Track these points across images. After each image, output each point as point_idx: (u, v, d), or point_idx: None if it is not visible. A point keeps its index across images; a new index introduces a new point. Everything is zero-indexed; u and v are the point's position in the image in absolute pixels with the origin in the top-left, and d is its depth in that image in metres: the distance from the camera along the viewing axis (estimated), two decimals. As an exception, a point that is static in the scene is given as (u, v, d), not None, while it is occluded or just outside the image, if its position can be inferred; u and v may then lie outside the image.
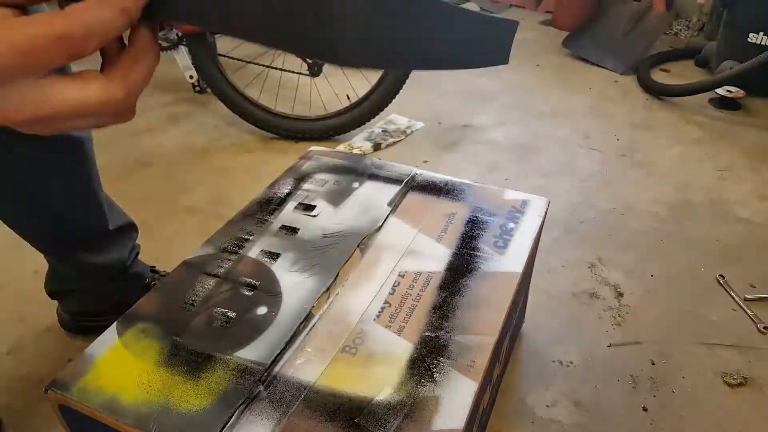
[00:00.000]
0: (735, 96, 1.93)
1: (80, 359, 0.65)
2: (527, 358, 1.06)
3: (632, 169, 1.65)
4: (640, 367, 1.04)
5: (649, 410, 0.97)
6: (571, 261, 1.29)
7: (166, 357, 0.65)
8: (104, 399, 0.60)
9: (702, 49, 2.29)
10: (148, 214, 1.42)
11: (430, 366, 0.64)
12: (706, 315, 1.16)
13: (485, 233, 0.85)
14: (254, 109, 1.75)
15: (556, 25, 2.71)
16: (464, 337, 0.68)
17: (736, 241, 1.36)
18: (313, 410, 0.59)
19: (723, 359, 1.06)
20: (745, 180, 1.60)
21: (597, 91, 2.13)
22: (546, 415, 0.96)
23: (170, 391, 0.61)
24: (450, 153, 1.73)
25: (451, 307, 0.72)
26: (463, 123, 1.90)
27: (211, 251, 0.81)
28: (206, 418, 0.58)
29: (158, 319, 0.70)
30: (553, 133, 1.84)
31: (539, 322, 1.13)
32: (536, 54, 2.44)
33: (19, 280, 1.22)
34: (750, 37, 1.98)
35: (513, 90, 2.13)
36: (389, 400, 0.60)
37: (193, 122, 1.88)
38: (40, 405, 0.96)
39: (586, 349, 1.07)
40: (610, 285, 1.23)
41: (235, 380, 0.62)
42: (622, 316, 1.15)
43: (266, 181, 0.96)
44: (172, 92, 2.06)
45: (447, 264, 0.79)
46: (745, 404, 0.98)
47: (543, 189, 1.56)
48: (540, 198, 0.93)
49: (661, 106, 2.02)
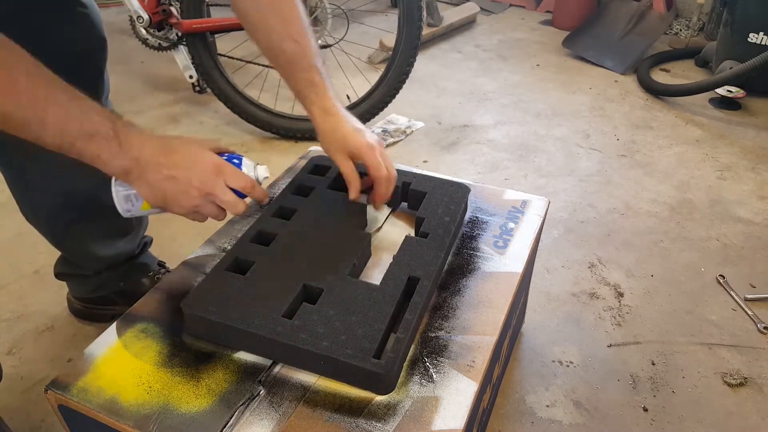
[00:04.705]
0: (735, 96, 1.93)
1: (80, 359, 0.65)
2: (527, 358, 1.06)
3: (632, 169, 1.65)
4: (640, 367, 1.04)
5: (649, 410, 0.97)
6: (571, 261, 1.29)
7: (166, 357, 0.65)
8: (104, 399, 0.60)
9: (702, 49, 2.29)
10: (148, 214, 1.42)
11: (429, 366, 0.64)
12: (706, 315, 1.16)
13: (485, 233, 0.85)
14: (254, 109, 1.75)
15: (556, 25, 2.71)
16: (464, 337, 0.68)
17: (736, 241, 1.36)
18: (313, 410, 0.59)
19: (723, 359, 1.06)
20: (745, 180, 1.60)
21: (597, 91, 2.13)
22: (546, 415, 0.96)
23: (170, 392, 0.61)
24: (450, 153, 1.73)
25: (451, 307, 0.72)
26: (463, 123, 1.90)
27: (211, 251, 0.81)
28: (206, 419, 0.58)
29: (158, 319, 0.70)
30: (552, 133, 1.84)
31: (539, 322, 1.13)
32: (536, 54, 2.44)
33: (19, 280, 1.22)
34: (750, 37, 1.98)
35: (513, 90, 2.13)
36: (389, 400, 0.60)
37: (193, 122, 1.88)
38: (40, 405, 0.96)
39: (586, 349, 1.07)
40: (610, 285, 1.23)
41: (235, 381, 0.62)
42: (622, 316, 1.15)
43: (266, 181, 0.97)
44: (172, 92, 2.06)
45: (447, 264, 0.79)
46: (745, 404, 0.98)
47: (543, 189, 1.56)
48: (540, 198, 0.93)
49: (661, 106, 2.02)
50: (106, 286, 1.07)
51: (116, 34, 2.54)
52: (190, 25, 1.68)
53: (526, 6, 2.99)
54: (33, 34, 0.76)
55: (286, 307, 0.65)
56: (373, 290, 0.68)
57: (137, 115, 1.91)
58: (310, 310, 0.65)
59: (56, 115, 0.57)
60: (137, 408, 0.59)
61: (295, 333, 0.62)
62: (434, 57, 2.41)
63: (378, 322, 0.64)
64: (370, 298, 0.67)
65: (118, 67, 2.24)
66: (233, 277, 0.70)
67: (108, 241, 1.02)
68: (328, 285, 0.69)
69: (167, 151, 0.64)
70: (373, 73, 1.95)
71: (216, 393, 0.61)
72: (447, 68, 2.31)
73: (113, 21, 2.68)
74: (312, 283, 0.69)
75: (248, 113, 1.75)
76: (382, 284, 0.69)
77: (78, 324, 1.13)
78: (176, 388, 0.61)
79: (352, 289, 0.68)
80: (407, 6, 1.59)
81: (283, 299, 0.66)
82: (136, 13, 1.76)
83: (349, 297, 0.67)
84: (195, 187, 0.65)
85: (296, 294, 0.67)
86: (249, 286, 0.68)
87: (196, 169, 0.65)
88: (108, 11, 2.81)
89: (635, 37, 2.37)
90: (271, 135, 1.79)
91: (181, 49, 1.87)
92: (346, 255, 0.73)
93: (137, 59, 2.29)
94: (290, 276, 0.70)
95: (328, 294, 0.67)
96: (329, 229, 0.78)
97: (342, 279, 0.70)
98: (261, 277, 0.70)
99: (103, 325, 1.01)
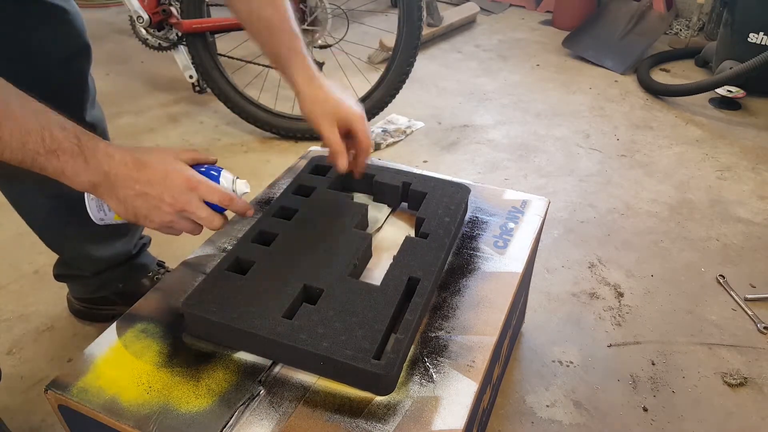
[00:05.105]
0: (735, 96, 1.93)
1: (80, 359, 0.65)
2: (527, 358, 1.06)
3: (632, 169, 1.65)
4: (640, 367, 1.04)
5: (649, 410, 0.97)
6: (571, 261, 1.29)
7: (166, 357, 0.65)
8: (104, 399, 0.60)
9: (702, 49, 2.29)
10: (148, 214, 1.42)
11: (430, 366, 0.64)
12: (706, 315, 1.16)
13: (485, 233, 0.85)
14: (254, 109, 1.75)
15: (556, 25, 2.71)
16: (464, 337, 0.68)
17: (736, 241, 1.36)
18: (313, 410, 0.59)
19: (723, 359, 1.06)
20: (745, 180, 1.60)
21: (597, 91, 2.13)
22: (546, 415, 0.96)
23: (170, 392, 0.61)
24: (450, 153, 1.73)
25: (451, 307, 0.72)
26: (463, 123, 1.90)
27: (211, 251, 0.81)
28: (206, 419, 0.58)
29: (158, 319, 0.70)
30: (552, 133, 1.84)
31: (539, 322, 1.13)
32: (536, 54, 2.44)
33: (19, 280, 1.22)
34: (750, 37, 1.98)
35: (513, 90, 2.13)
36: (389, 400, 0.60)
37: (193, 122, 1.88)
38: (40, 405, 0.96)
39: (586, 349, 1.07)
40: (610, 285, 1.23)
41: (235, 381, 0.62)
42: (622, 316, 1.15)
43: (266, 181, 0.97)
44: (172, 92, 2.06)
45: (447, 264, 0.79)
46: (745, 404, 0.98)
47: (543, 189, 1.56)
48: (540, 198, 0.93)
49: (661, 106, 2.02)
50: (106, 287, 1.07)
51: (116, 34, 2.54)
52: (190, 25, 1.68)
53: (526, 6, 2.99)
54: (16, 41, 0.76)
55: (286, 307, 0.65)
56: (373, 291, 0.68)
57: (137, 115, 1.91)
58: (310, 310, 0.65)
59: (13, 131, 0.55)
60: (137, 408, 0.59)
61: (295, 333, 0.62)
62: (434, 57, 2.41)
63: (378, 323, 0.64)
64: (370, 299, 0.67)
65: (118, 67, 2.24)
66: (234, 277, 0.70)
67: (104, 243, 1.02)
68: (328, 285, 0.69)
69: (138, 165, 0.62)
70: (373, 73, 1.95)
71: (216, 393, 0.61)
72: (447, 68, 2.31)
73: (113, 21, 2.68)
74: (312, 283, 0.69)
75: (248, 113, 1.75)
76: (383, 285, 0.69)
77: (78, 324, 1.13)
78: (176, 388, 0.61)
79: (353, 290, 0.68)
80: (407, 6, 1.59)
81: (283, 299, 0.66)
82: (136, 13, 1.76)
83: (349, 297, 0.67)
84: (167, 203, 0.63)
85: (296, 294, 0.67)
86: (249, 286, 0.68)
87: (168, 184, 0.63)
88: (108, 11, 2.82)
89: (635, 37, 2.37)
90: (271, 135, 1.79)
91: (181, 49, 1.87)
92: (346, 255, 0.73)
93: (137, 59, 2.29)
94: (290, 276, 0.70)
95: (329, 294, 0.67)
96: (330, 229, 0.78)
97: (342, 279, 0.70)
98: (261, 277, 0.70)
99: (103, 325, 1.02)
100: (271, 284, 0.69)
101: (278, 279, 0.69)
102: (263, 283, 0.69)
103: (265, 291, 0.68)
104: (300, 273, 0.70)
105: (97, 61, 0.91)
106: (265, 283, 0.69)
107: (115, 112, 1.91)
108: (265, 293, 0.67)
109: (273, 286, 0.68)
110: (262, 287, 0.68)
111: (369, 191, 0.91)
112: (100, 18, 2.72)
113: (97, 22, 2.67)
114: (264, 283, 0.69)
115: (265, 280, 0.69)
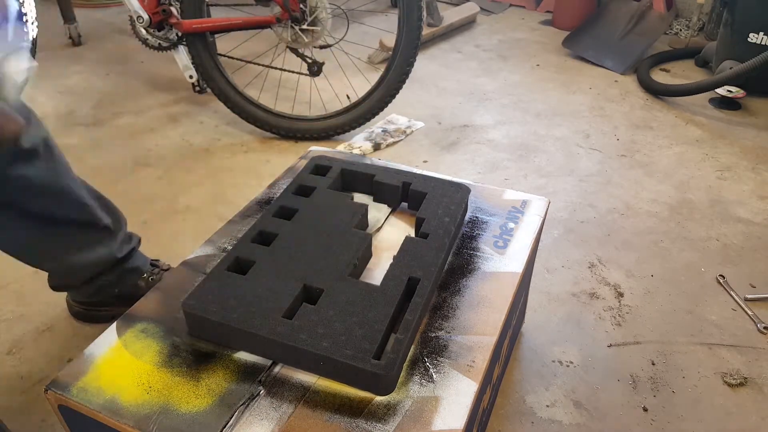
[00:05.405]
0: (735, 96, 1.93)
1: (80, 359, 0.65)
2: (527, 358, 1.06)
3: (632, 169, 1.65)
4: (640, 367, 1.04)
5: (649, 410, 0.97)
6: (571, 261, 1.29)
7: (166, 357, 0.65)
8: (104, 399, 0.60)
9: (702, 49, 2.29)
10: (148, 214, 1.42)
11: (430, 366, 0.64)
12: (706, 315, 1.16)
13: (485, 233, 0.85)
14: (254, 109, 1.75)
15: (556, 25, 2.71)
16: (464, 337, 0.68)
17: (736, 241, 1.36)
18: (313, 410, 0.59)
19: (723, 359, 1.06)
20: (745, 180, 1.60)
21: (597, 91, 2.13)
22: (546, 415, 0.96)
23: (170, 392, 0.61)
24: (450, 153, 1.73)
25: (451, 307, 0.72)
26: (463, 123, 1.90)
27: (211, 251, 0.81)
28: (206, 419, 0.58)
29: (158, 319, 0.70)
30: (552, 133, 1.84)
31: (539, 322, 1.13)
32: (536, 54, 2.44)
33: (19, 280, 1.22)
34: (750, 37, 1.98)
35: (513, 90, 2.13)
36: (389, 400, 0.60)
37: (193, 122, 1.88)
38: (40, 405, 0.96)
39: (586, 349, 1.07)
40: (610, 285, 1.23)
41: (235, 381, 0.62)
42: (622, 316, 1.15)
43: (266, 181, 0.97)
44: (172, 92, 2.06)
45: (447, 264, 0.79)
46: (745, 404, 0.98)
47: (543, 189, 1.56)
48: (540, 198, 0.93)
49: (661, 106, 2.02)
50: (101, 293, 1.06)
51: (116, 34, 2.54)
52: (190, 25, 1.68)
53: (526, 6, 2.99)
54: None
55: (286, 307, 0.65)
56: (373, 291, 0.68)
57: (137, 115, 1.91)
58: (310, 310, 0.65)
59: None
60: (137, 408, 0.59)
61: (295, 333, 0.62)
62: (434, 57, 2.41)
63: (378, 323, 0.64)
64: (370, 299, 0.67)
65: (118, 67, 2.24)
66: (234, 277, 0.70)
67: (83, 250, 0.99)
68: (328, 285, 0.69)
69: None
70: (373, 73, 1.95)
71: (216, 393, 0.61)
72: (447, 68, 2.31)
73: (113, 21, 2.68)
74: (312, 283, 0.69)
75: (248, 113, 1.75)
76: (383, 285, 0.69)
77: (78, 324, 1.13)
78: (176, 388, 0.61)
79: (353, 290, 0.68)
80: (407, 6, 1.59)
81: (283, 299, 0.66)
82: (136, 13, 1.76)
83: (349, 297, 0.67)
84: None
85: (296, 294, 0.67)
86: (249, 286, 0.69)
87: None
88: (108, 11, 2.82)
89: (635, 37, 2.37)
90: (271, 135, 1.79)
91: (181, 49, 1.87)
92: (346, 255, 0.73)
93: (137, 59, 2.29)
94: (290, 276, 0.70)
95: (328, 294, 0.67)
96: (330, 229, 0.78)
97: (342, 279, 0.70)
98: (261, 277, 0.70)
99: (103, 325, 1.01)
100: (271, 284, 0.69)
101: (278, 279, 0.69)
102: (263, 283, 0.69)
103: (265, 291, 0.68)
104: (300, 273, 0.70)
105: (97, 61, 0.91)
106: (265, 283, 0.69)
107: (115, 112, 1.91)
108: (265, 293, 0.67)
109: (273, 286, 0.68)
110: (262, 287, 0.68)
111: (369, 191, 0.91)
112: (100, 18, 2.73)
113: (97, 22, 2.67)
114: (264, 283, 0.69)
115: (265, 280, 0.69)
